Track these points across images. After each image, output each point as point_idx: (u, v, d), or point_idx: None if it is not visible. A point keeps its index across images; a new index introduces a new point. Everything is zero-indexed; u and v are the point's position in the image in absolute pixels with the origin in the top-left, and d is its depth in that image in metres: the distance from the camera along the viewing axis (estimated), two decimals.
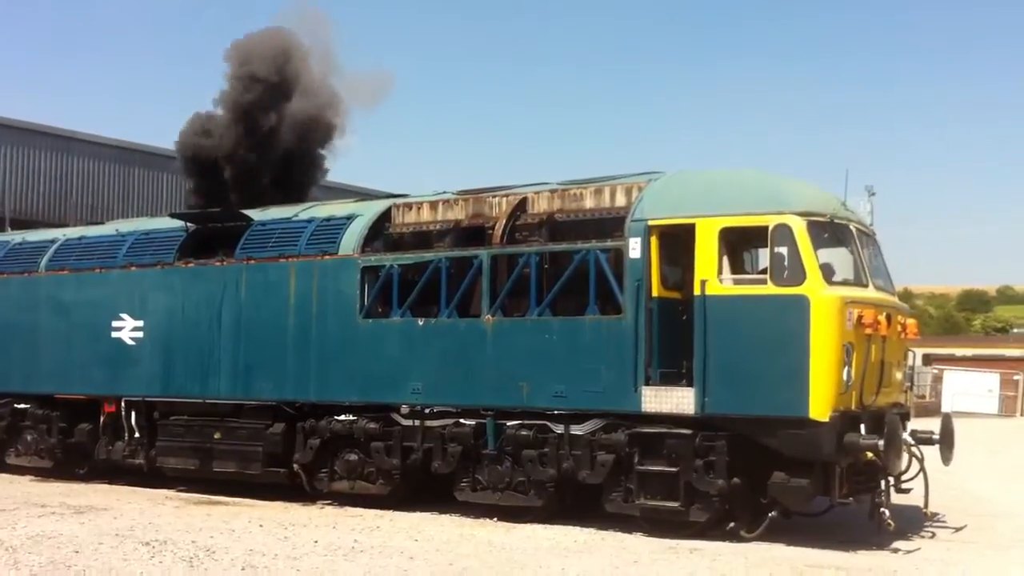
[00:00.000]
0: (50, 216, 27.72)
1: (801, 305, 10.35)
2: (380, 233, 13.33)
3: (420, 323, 12.55)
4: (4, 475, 16.23)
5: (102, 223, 18.53)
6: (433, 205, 13.23)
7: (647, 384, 10.97)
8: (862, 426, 10.50)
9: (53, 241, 16.66)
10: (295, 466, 13.43)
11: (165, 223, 15.81)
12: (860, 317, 10.54)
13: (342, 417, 13.03)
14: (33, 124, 29.02)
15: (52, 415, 15.87)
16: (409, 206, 13.43)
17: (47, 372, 15.88)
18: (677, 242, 11.23)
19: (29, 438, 16.19)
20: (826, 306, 10.32)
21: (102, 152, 29.34)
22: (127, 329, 14.95)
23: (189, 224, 15.16)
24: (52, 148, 28.85)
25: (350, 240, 13.22)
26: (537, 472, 11.69)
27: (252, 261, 13.95)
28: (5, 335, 16.44)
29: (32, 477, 16.03)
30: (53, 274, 16.05)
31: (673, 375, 11.06)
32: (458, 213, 12.98)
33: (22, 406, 16.25)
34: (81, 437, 15.60)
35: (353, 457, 13.04)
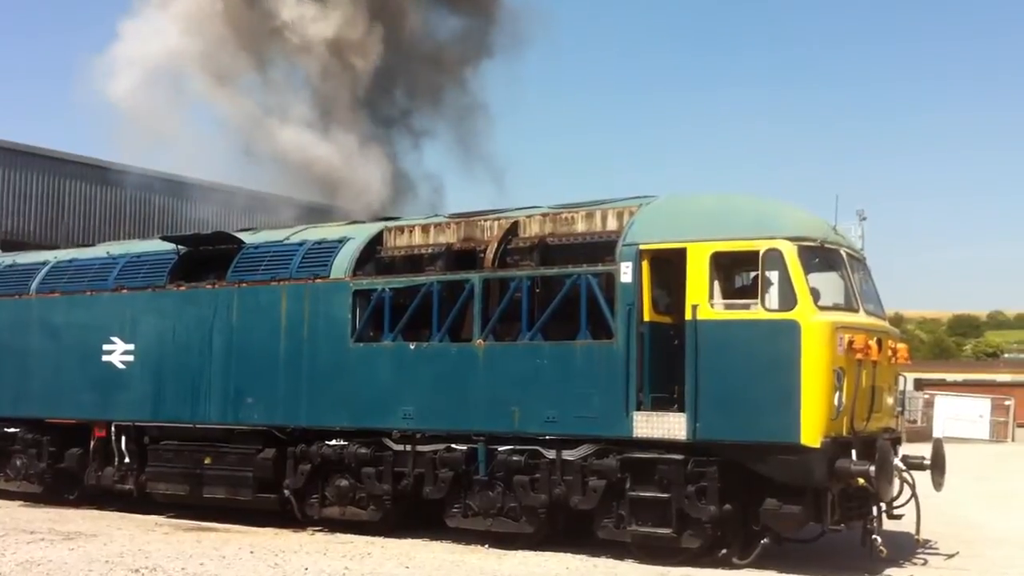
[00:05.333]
0: (42, 238, 27.65)
1: (792, 330, 10.35)
2: (372, 256, 13.32)
3: (412, 347, 12.53)
4: None
5: (93, 245, 18.49)
6: (425, 228, 13.24)
7: (639, 409, 10.95)
8: (853, 452, 10.49)
9: (44, 263, 16.60)
10: (286, 492, 13.35)
11: (156, 246, 15.77)
12: (851, 342, 10.54)
13: (333, 442, 12.97)
14: (25, 146, 29.00)
15: (42, 439, 15.75)
16: (401, 229, 13.44)
17: (37, 396, 15.78)
18: (668, 266, 11.24)
19: (18, 463, 16.06)
20: (817, 331, 10.33)
21: (94, 174, 29.33)
22: (117, 352, 14.89)
23: (180, 247, 15.13)
24: (44, 170, 28.84)
25: (342, 263, 13.21)
26: (529, 498, 11.64)
27: (243, 284, 13.92)
28: None
29: (21, 502, 15.91)
30: (44, 297, 15.99)
31: (665, 400, 11.05)
32: (450, 236, 12.98)
33: (11, 430, 16.12)
34: (71, 462, 15.49)
35: (344, 483, 12.97)
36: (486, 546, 11.93)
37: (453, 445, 12.15)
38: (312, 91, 26.68)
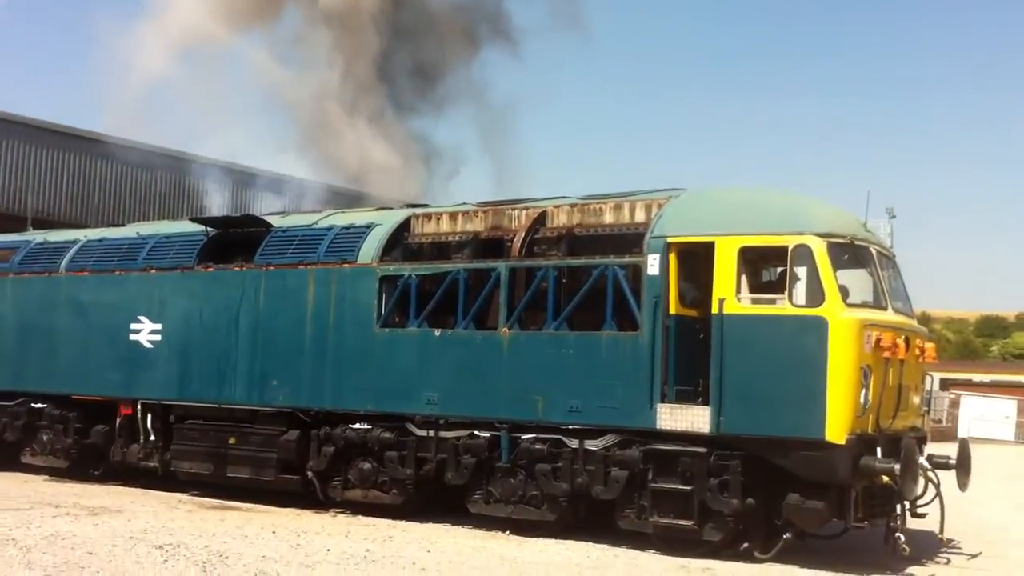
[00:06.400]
0: (72, 217, 27.89)
1: (819, 327, 10.31)
2: (399, 242, 13.36)
3: (437, 334, 12.56)
4: (19, 474, 16.31)
5: (123, 225, 18.64)
6: (452, 216, 13.25)
7: (663, 401, 10.94)
8: (878, 449, 10.45)
9: (74, 242, 16.75)
10: (309, 473, 13.44)
11: (186, 227, 15.88)
12: (878, 340, 10.49)
13: (357, 426, 13.05)
14: (57, 125, 29.23)
15: (68, 415, 15.93)
16: (428, 216, 13.46)
17: (64, 372, 15.94)
18: (696, 260, 11.22)
19: (45, 438, 16.25)
20: (844, 328, 10.28)
21: (126, 154, 29.53)
22: (145, 332, 15.02)
23: (209, 228, 15.22)
24: (76, 149, 29.06)
25: (369, 249, 13.25)
26: (550, 486, 11.67)
27: (271, 267, 14.00)
28: (23, 334, 16.53)
29: (47, 477, 16.11)
30: (73, 275, 16.14)
31: (689, 393, 11.04)
32: (477, 225, 13.00)
33: (39, 406, 16.31)
34: (97, 438, 15.67)
35: (367, 466, 13.05)
36: (507, 533, 11.97)
37: (476, 432, 12.18)
38: (329, 63, 26.76)
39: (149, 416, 14.96)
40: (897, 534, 10.77)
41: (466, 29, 27.64)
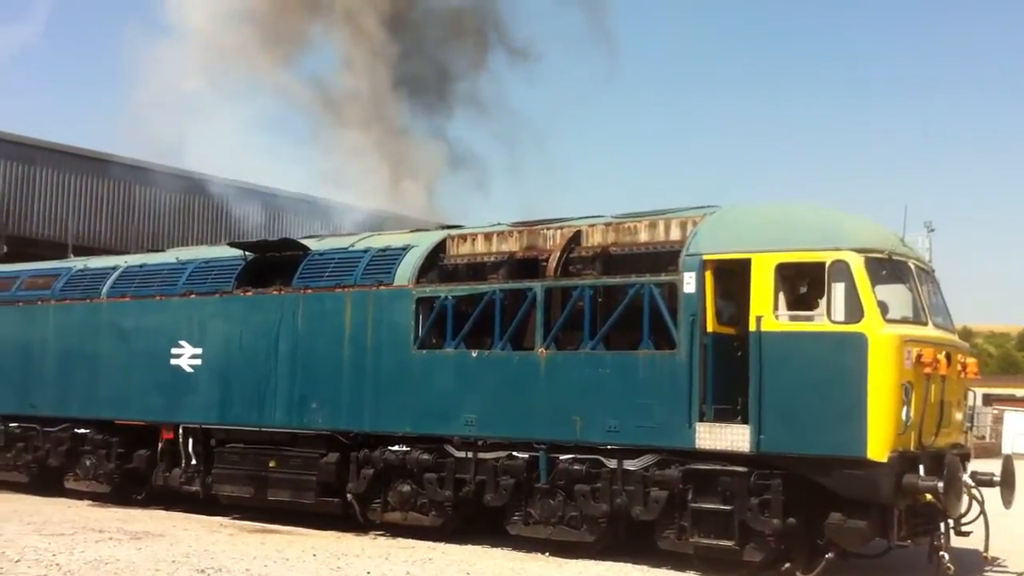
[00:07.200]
0: (112, 243, 28.26)
1: (859, 343, 10.23)
2: (435, 264, 13.43)
3: (474, 355, 12.59)
4: (63, 499, 16.48)
5: (162, 251, 18.87)
6: (488, 237, 13.31)
7: (701, 420, 10.89)
8: (921, 467, 10.33)
9: (115, 268, 16.96)
10: (348, 496, 13.49)
11: (224, 252, 16.05)
12: (919, 356, 10.38)
13: (395, 448, 13.09)
14: (96, 152, 29.67)
15: (111, 440, 16.09)
16: (464, 237, 13.52)
17: (106, 398, 16.12)
18: (732, 277, 11.17)
19: (88, 463, 16.43)
20: (884, 344, 10.19)
21: (164, 181, 29.90)
22: (186, 356, 15.16)
23: (247, 253, 15.37)
24: (115, 176, 29.47)
25: (405, 271, 13.33)
26: (590, 507, 11.63)
27: (309, 291, 14.11)
28: (66, 360, 16.75)
29: (90, 502, 16.27)
30: (114, 301, 16.34)
31: (728, 412, 10.98)
32: (512, 245, 13.04)
33: (81, 431, 16.50)
34: (139, 463, 15.82)
35: (406, 488, 13.07)
36: (546, 554, 11.93)
37: (515, 453, 12.18)
38: (349, 65, 26.96)
39: (190, 440, 15.09)
40: (941, 553, 10.62)
41: (477, 29, 27.72)
